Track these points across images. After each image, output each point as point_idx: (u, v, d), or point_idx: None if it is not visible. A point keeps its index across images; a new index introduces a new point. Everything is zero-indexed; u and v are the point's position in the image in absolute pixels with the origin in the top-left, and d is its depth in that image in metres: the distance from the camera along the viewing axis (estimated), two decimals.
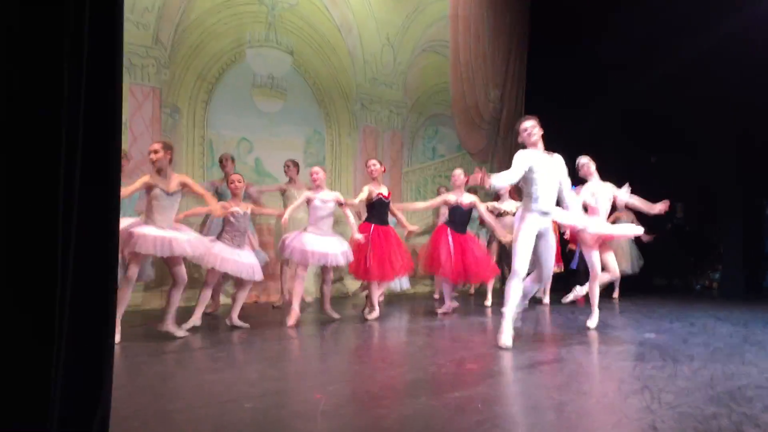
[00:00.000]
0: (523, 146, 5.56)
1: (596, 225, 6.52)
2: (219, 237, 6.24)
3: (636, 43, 10.63)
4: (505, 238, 7.35)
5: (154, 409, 3.47)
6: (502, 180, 5.30)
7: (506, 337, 5.39)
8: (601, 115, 11.21)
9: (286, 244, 6.57)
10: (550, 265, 5.68)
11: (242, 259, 6.13)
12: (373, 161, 7.19)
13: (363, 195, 7.01)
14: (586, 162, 6.80)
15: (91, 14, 2.22)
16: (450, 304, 7.57)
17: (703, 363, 4.80)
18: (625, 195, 6.73)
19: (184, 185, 5.64)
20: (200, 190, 5.77)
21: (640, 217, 8.61)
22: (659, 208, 6.68)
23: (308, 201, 6.72)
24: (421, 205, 7.78)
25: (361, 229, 7.00)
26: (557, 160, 5.62)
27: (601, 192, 6.73)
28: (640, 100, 11.15)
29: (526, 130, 5.52)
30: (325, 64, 9.87)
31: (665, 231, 11.50)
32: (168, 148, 5.57)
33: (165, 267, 6.18)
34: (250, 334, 6.00)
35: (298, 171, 8.24)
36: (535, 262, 5.70)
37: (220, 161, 7.63)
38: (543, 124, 5.63)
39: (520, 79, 12.74)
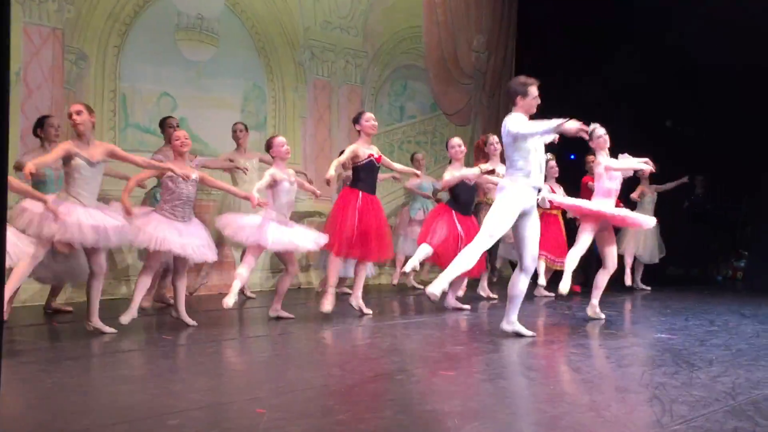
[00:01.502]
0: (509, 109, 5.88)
1: (605, 205, 6.93)
2: (156, 208, 6.17)
3: None
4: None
5: (51, 431, 3.43)
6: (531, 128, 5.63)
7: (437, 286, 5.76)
8: (609, 71, 11.29)
9: (242, 223, 6.57)
10: (536, 250, 5.97)
11: (187, 236, 6.07)
12: (369, 114, 7.26)
13: (344, 157, 7.05)
14: (604, 134, 7.06)
15: None
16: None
17: (724, 368, 4.90)
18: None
19: (111, 155, 5.76)
20: (134, 157, 5.93)
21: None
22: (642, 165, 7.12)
23: (274, 181, 6.66)
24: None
25: (346, 196, 7.07)
26: None
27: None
28: (658, 54, 11.26)
29: (536, 97, 5.84)
30: (265, 2, 9.77)
31: (681, 210, 11.67)
32: (92, 110, 5.75)
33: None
34: (178, 335, 5.98)
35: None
36: (517, 246, 5.98)
37: (162, 125, 7.67)
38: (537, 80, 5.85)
39: (511, 22, 12.77)
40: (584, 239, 6.99)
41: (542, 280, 8.91)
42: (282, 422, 3.54)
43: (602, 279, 7.15)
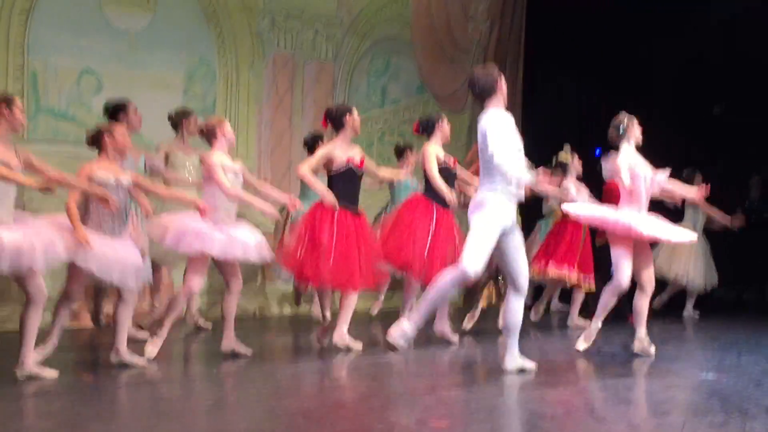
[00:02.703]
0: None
1: (639, 222, 6.80)
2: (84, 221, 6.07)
3: None
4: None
5: None
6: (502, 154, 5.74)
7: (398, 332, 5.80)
8: (643, 47, 11.32)
9: (179, 229, 6.48)
10: (525, 270, 6.13)
11: (116, 254, 5.98)
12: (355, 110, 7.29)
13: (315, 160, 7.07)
14: (629, 120, 7.04)
15: None
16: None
17: None
18: (662, 178, 7.04)
19: (28, 165, 5.73)
20: (49, 169, 5.83)
21: None
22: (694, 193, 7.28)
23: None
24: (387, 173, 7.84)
25: (320, 211, 7.02)
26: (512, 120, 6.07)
27: (641, 166, 6.95)
28: (703, 29, 11.30)
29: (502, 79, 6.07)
30: None
31: (734, 219, 11.67)
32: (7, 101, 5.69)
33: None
34: (110, 375, 5.92)
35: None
36: (504, 268, 6.16)
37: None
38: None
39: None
40: (623, 268, 6.89)
41: (574, 314, 9.00)
42: None
43: (642, 304, 7.07)
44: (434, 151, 7.37)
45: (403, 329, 5.75)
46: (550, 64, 11.62)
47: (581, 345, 7.02)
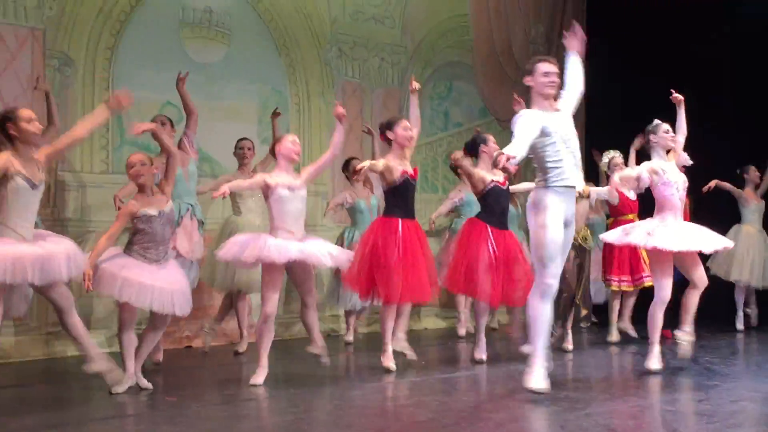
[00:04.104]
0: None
1: (664, 238, 6.60)
2: (126, 249, 6.07)
3: None
4: None
5: None
6: (516, 149, 5.39)
7: (537, 379, 5.56)
8: (687, 65, 11.17)
9: (241, 240, 6.42)
10: (563, 261, 5.92)
11: (157, 283, 5.92)
12: (406, 123, 7.07)
13: (378, 164, 6.89)
14: (668, 129, 6.92)
15: None
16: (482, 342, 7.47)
17: None
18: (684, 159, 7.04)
19: (50, 158, 5.71)
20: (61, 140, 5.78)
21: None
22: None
23: (268, 188, 6.44)
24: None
25: (382, 226, 6.93)
26: (570, 122, 5.90)
27: (672, 173, 6.82)
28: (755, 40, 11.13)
29: (547, 75, 5.79)
30: None
31: None
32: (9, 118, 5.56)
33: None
34: (183, 397, 5.92)
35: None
36: None
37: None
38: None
39: (576, 8, 12.69)
40: (663, 286, 6.73)
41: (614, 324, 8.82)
42: None
43: (692, 299, 6.84)
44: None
45: (536, 375, 5.57)
46: (608, 86, 11.54)
47: (654, 365, 6.72)
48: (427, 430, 4.98)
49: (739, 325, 9.74)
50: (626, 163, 8.56)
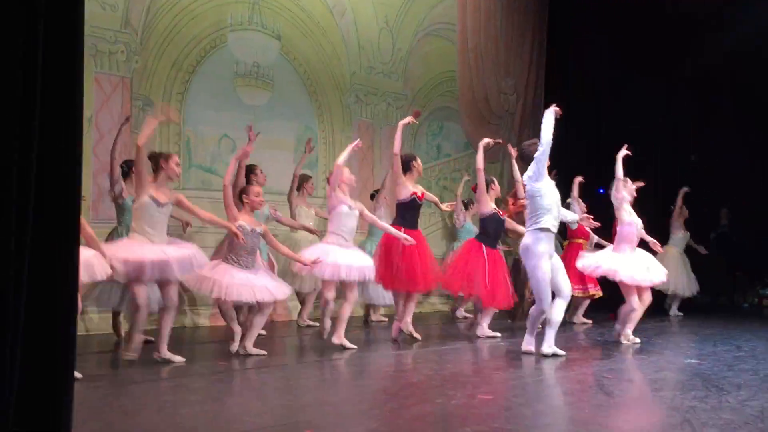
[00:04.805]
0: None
1: (628, 272, 6.86)
2: (224, 258, 6.09)
3: (683, 24, 10.63)
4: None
5: None
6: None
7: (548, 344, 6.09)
8: (636, 108, 11.18)
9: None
10: (568, 286, 6.21)
11: (252, 282, 5.94)
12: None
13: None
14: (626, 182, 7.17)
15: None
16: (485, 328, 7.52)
17: (752, 393, 4.76)
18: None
19: (178, 203, 5.83)
20: (198, 211, 5.94)
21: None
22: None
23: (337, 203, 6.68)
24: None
25: (389, 234, 6.99)
26: (553, 184, 6.23)
27: (635, 216, 7.07)
28: (682, 93, 11.13)
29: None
30: (315, 50, 9.85)
31: (708, 241, 11.46)
32: (166, 156, 5.84)
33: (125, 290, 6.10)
34: (234, 363, 5.95)
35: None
36: (552, 284, 6.12)
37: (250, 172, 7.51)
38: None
39: (539, 66, 12.72)
40: (632, 298, 6.94)
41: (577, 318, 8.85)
42: None
43: (637, 313, 7.05)
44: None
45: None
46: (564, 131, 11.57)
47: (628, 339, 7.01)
48: (419, 390, 5.04)
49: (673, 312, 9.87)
50: (568, 201, 8.69)
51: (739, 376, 5.38)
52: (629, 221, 6.98)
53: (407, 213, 7.04)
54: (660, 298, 9.71)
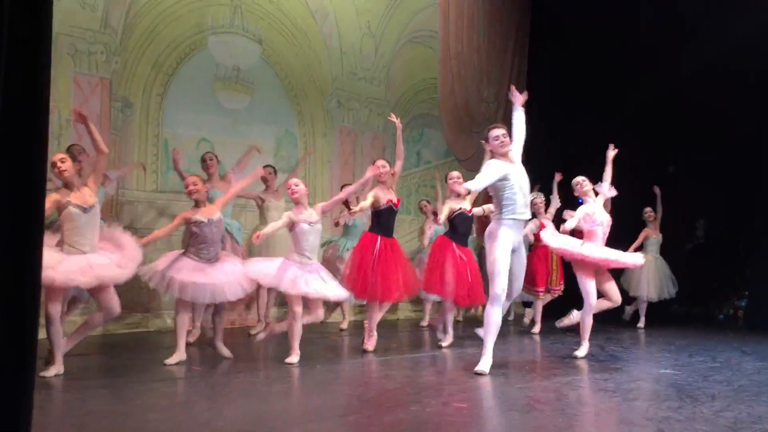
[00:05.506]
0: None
1: (591, 250, 6.69)
2: (186, 251, 6.02)
3: (660, 38, 10.69)
4: None
5: None
6: (475, 185, 5.61)
7: (485, 364, 5.70)
8: (614, 119, 11.23)
9: (261, 268, 6.19)
10: (520, 281, 6.05)
11: (207, 279, 5.83)
12: (382, 162, 7.03)
13: (367, 202, 6.85)
14: (580, 181, 7.04)
15: None
16: (451, 332, 7.45)
17: (726, 404, 4.76)
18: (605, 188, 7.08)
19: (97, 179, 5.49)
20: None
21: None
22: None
23: (291, 225, 6.20)
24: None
25: (365, 242, 6.91)
26: (523, 170, 5.94)
27: (599, 214, 6.91)
28: (661, 104, 11.18)
29: (497, 138, 5.82)
30: (297, 55, 9.83)
31: (684, 252, 11.51)
32: (74, 157, 5.59)
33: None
34: (207, 366, 5.88)
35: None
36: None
37: (203, 160, 7.65)
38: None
39: (520, 75, 12.76)
40: (590, 291, 6.73)
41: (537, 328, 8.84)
42: None
43: (605, 305, 6.90)
44: (449, 204, 7.29)
45: (483, 366, 5.69)
46: (543, 138, 11.59)
47: (581, 353, 6.81)
48: (394, 396, 5.00)
49: (640, 324, 9.84)
50: (550, 197, 8.74)
51: (714, 386, 5.38)
52: (593, 220, 6.89)
53: (383, 220, 6.97)
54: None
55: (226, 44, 9.05)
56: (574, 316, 6.94)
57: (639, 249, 9.56)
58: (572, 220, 6.64)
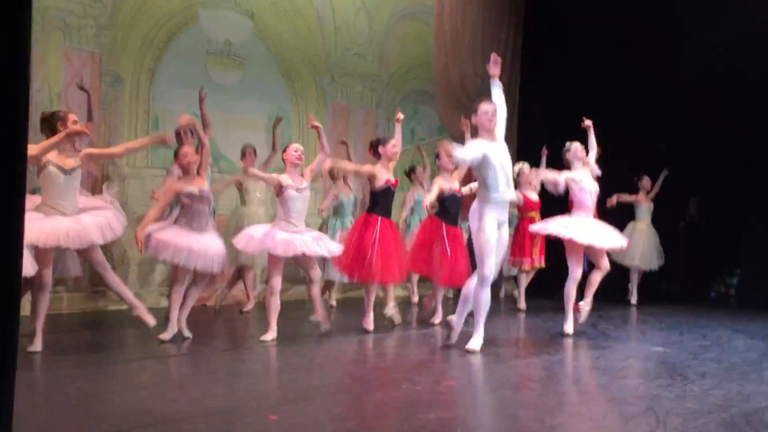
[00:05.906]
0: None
1: (579, 232, 6.65)
2: (176, 221, 6.02)
3: (660, 38, 10.61)
4: None
5: None
6: (468, 155, 5.49)
7: (476, 342, 5.65)
8: (614, 119, 11.19)
9: (250, 233, 6.21)
10: (500, 259, 5.89)
11: (198, 246, 5.80)
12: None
13: (363, 169, 6.95)
14: (577, 145, 7.00)
15: None
16: (439, 311, 7.43)
17: (716, 381, 4.78)
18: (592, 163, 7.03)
19: (89, 158, 5.55)
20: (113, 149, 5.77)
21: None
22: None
23: (281, 188, 6.19)
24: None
25: (364, 222, 6.83)
26: (505, 148, 5.83)
27: (587, 181, 6.86)
28: (661, 104, 11.14)
29: (486, 113, 5.70)
30: (290, 29, 9.73)
31: (677, 230, 11.51)
32: (62, 118, 5.50)
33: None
34: (198, 345, 5.86)
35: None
36: None
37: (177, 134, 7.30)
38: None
39: (516, 51, 12.67)
40: (576, 268, 6.76)
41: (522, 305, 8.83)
42: (293, 428, 3.46)
43: (595, 278, 6.88)
44: (439, 182, 7.04)
45: (474, 343, 5.64)
46: (541, 115, 11.52)
47: (568, 329, 6.73)
48: (385, 374, 5.02)
49: (632, 300, 9.86)
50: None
51: (704, 364, 5.40)
52: (581, 187, 6.86)
53: (382, 201, 6.90)
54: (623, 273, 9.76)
55: (217, 19, 8.91)
56: (583, 305, 6.85)
57: (629, 215, 9.60)
58: (555, 173, 6.63)
